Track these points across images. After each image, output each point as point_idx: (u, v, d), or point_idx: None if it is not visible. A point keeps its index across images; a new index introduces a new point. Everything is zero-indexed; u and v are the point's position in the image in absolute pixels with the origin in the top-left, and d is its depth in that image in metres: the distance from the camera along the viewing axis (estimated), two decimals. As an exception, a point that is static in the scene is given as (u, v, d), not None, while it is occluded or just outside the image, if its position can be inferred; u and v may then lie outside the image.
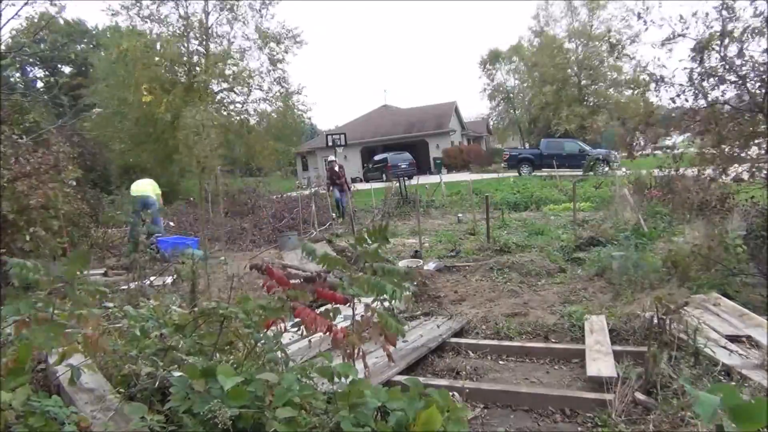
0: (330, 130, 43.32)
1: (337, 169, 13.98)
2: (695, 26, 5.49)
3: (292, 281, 2.15)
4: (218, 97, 24.27)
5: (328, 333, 1.94)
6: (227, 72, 23.24)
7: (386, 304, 2.10)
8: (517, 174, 24.51)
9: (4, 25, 5.97)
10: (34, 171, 5.21)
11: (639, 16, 5.87)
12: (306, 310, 1.94)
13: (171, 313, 2.51)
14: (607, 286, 5.84)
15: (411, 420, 1.66)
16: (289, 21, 48.13)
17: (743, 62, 5.34)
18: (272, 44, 23.79)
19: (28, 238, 4.89)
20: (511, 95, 44.48)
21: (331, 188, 14.02)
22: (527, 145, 39.81)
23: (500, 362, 4.26)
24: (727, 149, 5.40)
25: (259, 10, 23.52)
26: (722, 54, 5.36)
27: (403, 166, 28.54)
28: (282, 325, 2.14)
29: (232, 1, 23.10)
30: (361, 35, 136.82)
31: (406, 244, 9.23)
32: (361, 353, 2.07)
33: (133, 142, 22.56)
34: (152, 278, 5.83)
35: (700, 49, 5.36)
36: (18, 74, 29.95)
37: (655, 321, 3.85)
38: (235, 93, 24.38)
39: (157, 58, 21.63)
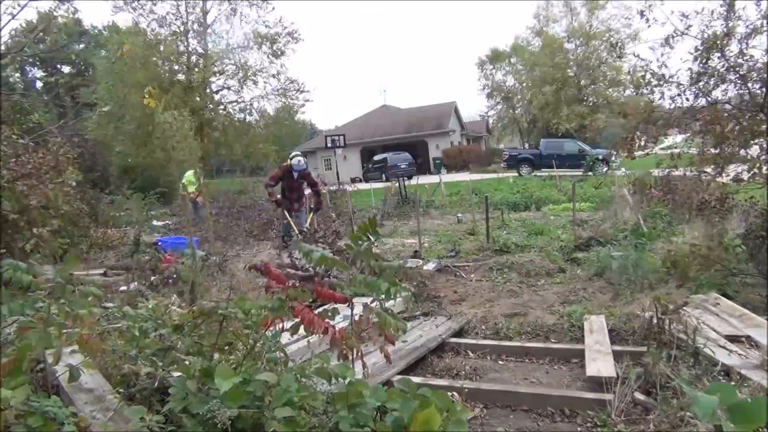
0: (330, 130, 43.32)
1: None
2: (698, 24, 5.49)
3: (291, 281, 2.15)
4: (217, 96, 24.29)
5: (325, 334, 1.95)
6: (227, 69, 23.26)
7: (385, 303, 2.10)
8: (516, 174, 24.52)
9: (5, 25, 5.96)
10: (35, 171, 5.20)
11: (642, 14, 5.86)
12: (305, 311, 1.95)
13: (170, 313, 2.51)
14: (606, 286, 5.84)
15: (407, 420, 1.66)
16: (288, 20, 47.91)
17: (744, 61, 5.34)
18: (268, 43, 23.79)
19: (28, 238, 4.89)
20: (510, 95, 44.48)
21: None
22: (527, 145, 39.82)
23: (500, 362, 4.26)
24: (727, 149, 5.41)
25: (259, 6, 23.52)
26: (723, 53, 5.37)
27: (402, 166, 28.54)
28: (281, 325, 2.14)
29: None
30: (361, 35, 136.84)
31: (405, 244, 9.23)
32: (359, 353, 2.07)
33: (132, 143, 22.57)
34: (152, 278, 5.83)
35: (706, 49, 5.35)
36: (18, 74, 29.94)
37: (655, 321, 3.85)
38: (234, 92, 24.40)
39: (154, 59, 21.63)
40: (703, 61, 5.44)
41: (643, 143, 6.20)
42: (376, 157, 32.84)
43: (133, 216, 11.31)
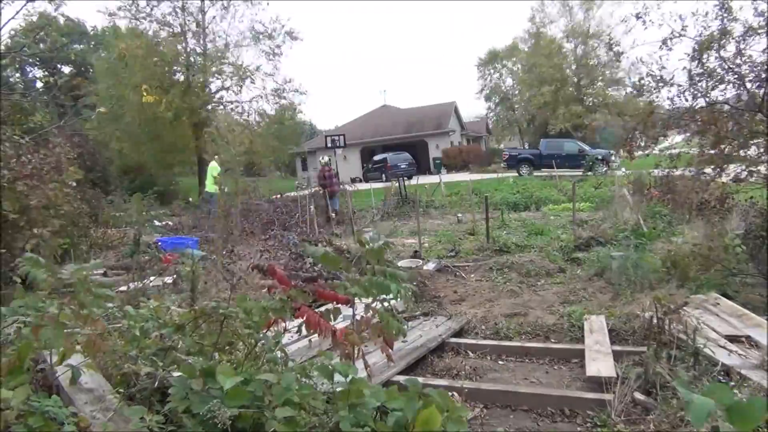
0: (330, 130, 43.33)
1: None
2: (694, 26, 5.50)
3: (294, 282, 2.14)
4: (216, 97, 24.29)
5: (332, 336, 1.94)
6: (225, 69, 23.25)
7: (386, 304, 2.10)
8: (516, 174, 24.52)
9: (4, 25, 5.96)
10: (36, 171, 5.20)
11: (638, 17, 5.86)
12: (309, 312, 1.94)
13: (171, 313, 2.51)
14: (606, 286, 5.84)
15: (410, 420, 1.66)
16: (287, 20, 47.88)
17: (741, 62, 5.34)
18: (266, 40, 23.82)
19: (28, 238, 4.89)
20: (509, 96, 44.49)
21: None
22: (527, 145, 39.82)
23: (500, 362, 4.26)
24: (726, 149, 5.41)
25: (252, 3, 23.53)
26: (720, 54, 5.37)
27: (402, 166, 28.53)
28: (282, 325, 2.14)
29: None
30: (361, 35, 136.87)
31: (405, 244, 9.22)
32: (360, 353, 2.07)
33: (132, 142, 22.57)
34: (152, 278, 5.82)
35: (702, 50, 5.35)
36: (18, 74, 29.92)
37: (655, 321, 3.86)
38: (233, 92, 24.39)
39: (155, 59, 21.61)
40: (701, 62, 5.44)
41: (643, 144, 6.20)
42: (376, 157, 32.82)
43: (133, 216, 11.30)
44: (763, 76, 5.25)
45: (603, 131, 29.28)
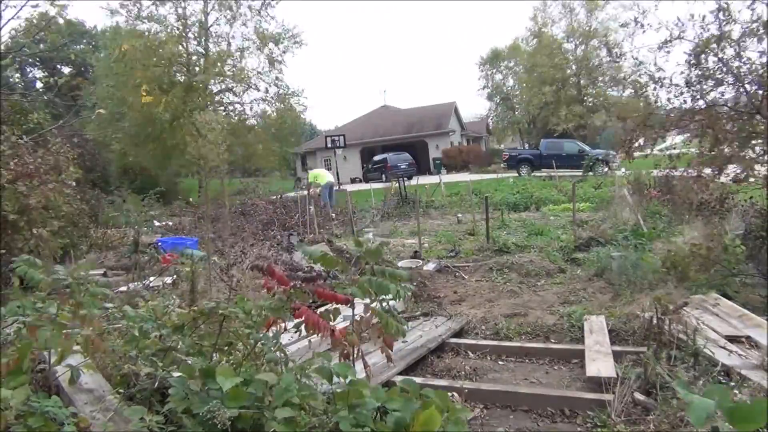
0: (330, 130, 43.34)
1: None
2: (692, 28, 5.49)
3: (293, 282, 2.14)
4: (217, 98, 24.26)
5: (331, 336, 1.95)
6: (226, 70, 23.22)
7: (386, 304, 2.10)
8: (516, 174, 24.51)
9: (4, 25, 5.96)
10: (35, 171, 5.21)
11: (636, 21, 5.85)
12: (308, 312, 1.95)
13: (170, 314, 2.51)
14: (606, 286, 5.84)
15: (409, 421, 1.66)
16: (288, 21, 47.82)
17: (741, 64, 5.34)
18: (271, 44, 23.79)
19: (28, 238, 4.89)
20: (510, 96, 44.48)
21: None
22: (527, 146, 39.80)
23: (500, 363, 4.26)
24: (725, 150, 5.40)
25: (259, 11, 23.55)
26: (719, 56, 5.36)
27: (402, 167, 28.52)
28: (282, 325, 2.14)
29: (232, 1, 23.14)
30: (361, 35, 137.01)
31: (405, 245, 9.23)
32: (360, 354, 2.07)
33: (132, 143, 22.55)
34: (152, 278, 5.82)
35: (697, 53, 5.35)
36: (18, 75, 29.90)
37: (655, 321, 3.86)
38: (234, 94, 24.38)
39: (155, 59, 21.59)
40: (696, 63, 5.43)
41: (642, 143, 6.19)
42: (376, 158, 32.81)
43: (132, 216, 11.30)
44: (763, 76, 5.24)
45: (604, 132, 29.31)
